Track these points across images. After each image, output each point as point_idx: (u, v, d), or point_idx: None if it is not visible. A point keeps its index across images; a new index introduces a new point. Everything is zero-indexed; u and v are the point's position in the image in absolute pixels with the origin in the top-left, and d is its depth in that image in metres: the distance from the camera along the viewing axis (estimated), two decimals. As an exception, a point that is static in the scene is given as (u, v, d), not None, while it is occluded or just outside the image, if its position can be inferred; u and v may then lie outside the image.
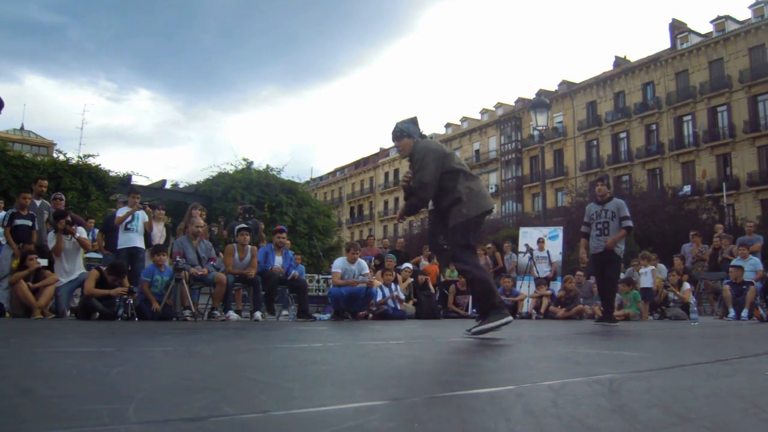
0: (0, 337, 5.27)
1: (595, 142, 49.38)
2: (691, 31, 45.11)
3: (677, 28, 45.89)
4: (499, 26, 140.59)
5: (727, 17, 42.75)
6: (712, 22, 43.87)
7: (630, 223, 8.60)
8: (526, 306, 13.07)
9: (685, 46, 44.31)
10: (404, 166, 60.10)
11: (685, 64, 43.75)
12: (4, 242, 9.60)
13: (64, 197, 11.75)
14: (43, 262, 9.09)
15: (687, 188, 39.16)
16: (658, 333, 7.06)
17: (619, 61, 51.82)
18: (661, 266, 13.04)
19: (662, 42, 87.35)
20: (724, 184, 37.63)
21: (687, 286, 11.91)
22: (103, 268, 8.86)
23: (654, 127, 45.40)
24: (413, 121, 5.38)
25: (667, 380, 2.70)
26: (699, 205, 32.89)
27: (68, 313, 9.23)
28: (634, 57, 51.34)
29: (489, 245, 16.99)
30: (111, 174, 18.75)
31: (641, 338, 6.13)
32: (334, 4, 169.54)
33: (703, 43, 42.93)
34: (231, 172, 21.98)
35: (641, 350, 4.68)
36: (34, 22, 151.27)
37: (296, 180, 24.03)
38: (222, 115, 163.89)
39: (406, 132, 5.29)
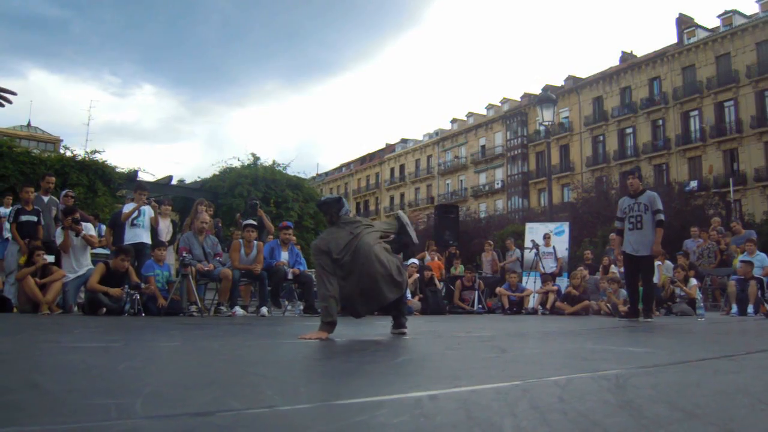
0: (8, 332, 5.30)
1: (601, 138, 49.18)
2: (697, 26, 44.82)
3: (684, 23, 45.62)
4: (504, 21, 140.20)
5: (735, 12, 42.46)
6: (719, 16, 43.54)
7: (662, 217, 8.51)
8: (532, 302, 13.07)
9: (691, 41, 44.03)
10: (410, 162, 59.69)
11: (691, 59, 43.50)
12: (10, 238, 9.67)
13: (74, 194, 11.81)
14: (50, 258, 9.13)
15: (693, 184, 38.90)
16: (664, 329, 7.04)
17: (626, 57, 51.52)
18: (668, 263, 13.00)
19: (669, 37, 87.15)
20: (731, 179, 37.43)
21: (694, 281, 11.86)
22: (110, 262, 8.94)
23: (660, 122, 45.18)
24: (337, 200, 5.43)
25: (673, 376, 2.70)
26: (706, 201, 32.72)
27: (75, 308, 9.28)
28: (640, 52, 50.86)
29: (491, 242, 17.08)
30: (117, 170, 18.80)
31: (647, 334, 6.12)
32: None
33: (710, 37, 42.67)
34: (238, 167, 22.00)
35: (647, 346, 4.68)
36: (37, 16, 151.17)
37: (302, 176, 23.99)
38: (226, 110, 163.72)
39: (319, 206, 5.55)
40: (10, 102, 3.62)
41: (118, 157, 31.45)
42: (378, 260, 4.78)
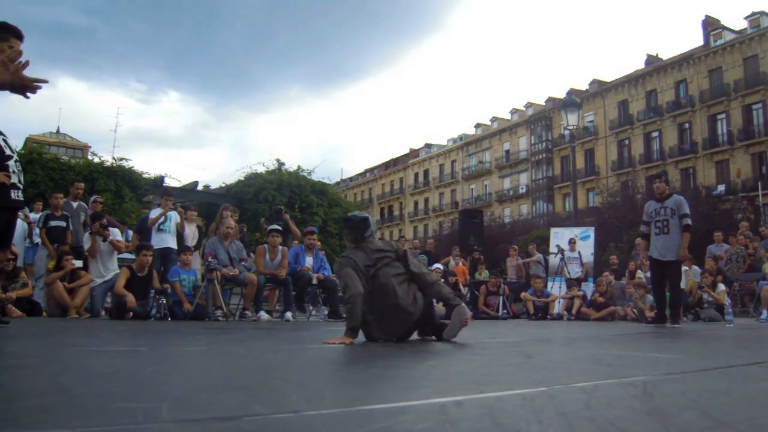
0: (37, 336, 5.37)
1: (626, 142, 48.77)
2: (724, 28, 44.30)
3: (710, 25, 45.11)
4: (529, 24, 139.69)
5: (762, 13, 41.86)
6: (746, 18, 43.02)
7: (689, 221, 8.42)
8: (558, 307, 12.98)
9: (718, 42, 43.53)
10: (434, 167, 59.60)
11: (718, 62, 42.99)
12: (40, 243, 9.82)
13: (102, 200, 11.97)
14: (78, 263, 9.27)
15: (721, 188, 38.45)
16: (692, 335, 6.96)
17: (651, 59, 51.08)
18: (695, 268, 12.85)
19: (695, 39, 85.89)
20: (759, 183, 36.87)
21: (722, 287, 11.70)
22: (133, 265, 9.05)
23: (687, 125, 44.67)
24: (364, 219, 5.27)
25: (702, 383, 2.66)
26: (734, 205, 32.31)
27: (103, 312, 9.39)
28: (666, 55, 50.40)
29: (515, 246, 17.07)
30: (144, 176, 19.03)
31: (675, 340, 6.05)
32: (362, 2, 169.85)
33: (737, 39, 42.15)
34: (263, 173, 22.13)
35: (675, 352, 4.62)
36: (65, 24, 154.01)
37: (326, 181, 24.13)
38: (251, 116, 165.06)
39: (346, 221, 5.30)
40: (40, 87, 3.70)
41: (145, 163, 31.95)
42: (395, 293, 4.80)
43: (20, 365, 3.03)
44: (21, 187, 4.96)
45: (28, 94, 3.70)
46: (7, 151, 4.85)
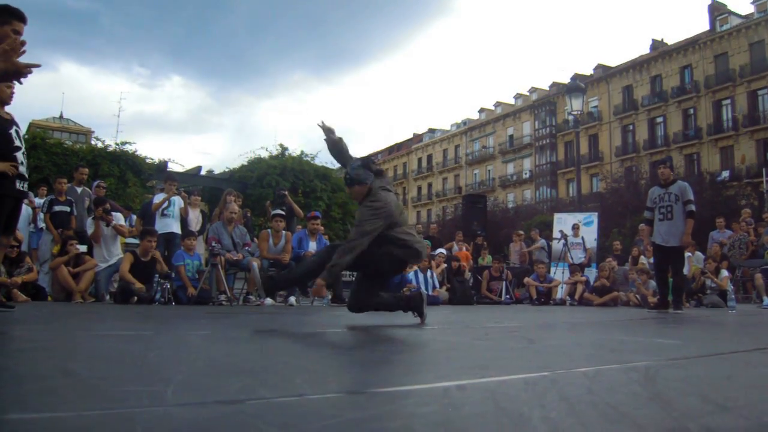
0: (42, 321, 5.39)
1: (631, 127, 48.51)
2: (731, 13, 43.90)
3: (716, 10, 44.71)
4: (533, 9, 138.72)
5: (769, -2, 41.62)
6: (753, 2, 42.60)
7: (693, 207, 8.38)
8: (560, 292, 12.99)
9: (724, 27, 43.15)
10: (438, 152, 59.25)
11: (724, 47, 42.64)
12: (44, 228, 9.85)
13: (105, 185, 11.98)
14: (83, 247, 9.29)
15: (725, 174, 38.23)
16: (694, 321, 6.96)
17: (656, 44, 50.64)
18: (698, 254, 12.83)
19: (701, 24, 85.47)
20: (764, 169, 36.62)
21: (725, 273, 11.69)
22: (137, 251, 9.07)
23: (692, 111, 44.39)
24: (365, 165, 5.15)
25: (704, 368, 2.67)
26: (738, 191, 32.18)
27: (107, 297, 9.42)
28: (671, 40, 49.90)
29: (520, 232, 17.02)
30: (147, 161, 19.02)
31: (677, 326, 6.06)
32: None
33: (744, 24, 41.79)
34: (266, 158, 22.11)
35: (677, 338, 4.63)
36: (67, 8, 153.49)
37: (330, 166, 24.02)
38: (254, 100, 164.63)
39: (356, 180, 5.06)
40: (31, 72, 3.69)
41: (148, 148, 31.92)
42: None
43: (26, 349, 3.05)
44: (27, 177, 5.05)
45: (22, 79, 3.71)
46: (17, 143, 4.91)
